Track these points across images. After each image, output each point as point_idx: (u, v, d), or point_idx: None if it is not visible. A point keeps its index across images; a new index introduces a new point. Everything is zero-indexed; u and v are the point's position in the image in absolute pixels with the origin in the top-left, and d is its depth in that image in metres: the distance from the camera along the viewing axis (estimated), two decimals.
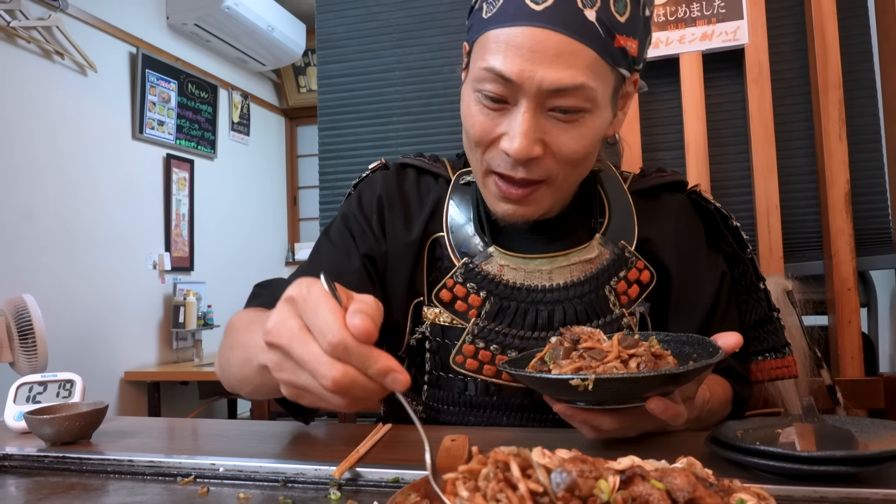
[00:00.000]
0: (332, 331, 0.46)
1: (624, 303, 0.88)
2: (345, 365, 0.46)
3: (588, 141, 0.78)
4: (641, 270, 0.89)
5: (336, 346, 0.45)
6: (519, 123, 0.75)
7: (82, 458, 0.73)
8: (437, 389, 0.92)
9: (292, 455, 0.74)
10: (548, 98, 0.74)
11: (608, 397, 0.61)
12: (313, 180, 5.05)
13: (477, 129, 0.80)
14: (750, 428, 0.66)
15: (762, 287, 0.96)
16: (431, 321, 0.91)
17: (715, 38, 1.45)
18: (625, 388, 0.60)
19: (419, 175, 0.98)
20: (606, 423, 0.65)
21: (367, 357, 0.46)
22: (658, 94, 1.55)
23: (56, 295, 2.99)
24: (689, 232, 0.94)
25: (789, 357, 0.96)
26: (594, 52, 0.73)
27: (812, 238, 1.47)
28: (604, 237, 0.89)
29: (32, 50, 2.95)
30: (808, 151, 1.48)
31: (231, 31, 3.97)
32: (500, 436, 0.78)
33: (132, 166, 3.54)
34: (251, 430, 0.87)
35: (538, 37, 0.72)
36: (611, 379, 0.58)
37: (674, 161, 1.53)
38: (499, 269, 0.88)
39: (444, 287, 0.89)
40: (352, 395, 0.47)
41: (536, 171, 0.79)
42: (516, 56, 0.73)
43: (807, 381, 1.14)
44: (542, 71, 0.72)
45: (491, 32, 0.76)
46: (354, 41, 1.80)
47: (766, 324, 0.96)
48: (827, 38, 1.42)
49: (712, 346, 0.66)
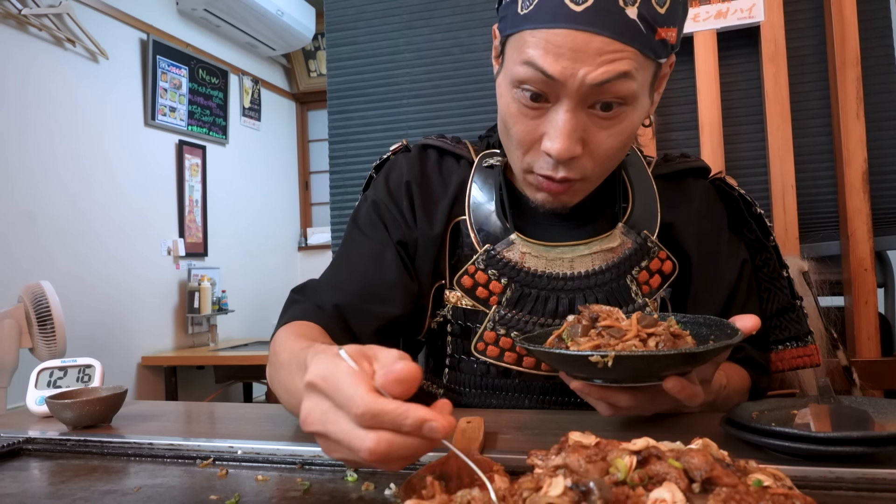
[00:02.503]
0: (355, 403, 0.44)
1: (646, 292, 0.87)
2: (377, 432, 0.44)
3: (626, 136, 0.77)
4: (664, 261, 0.89)
5: (363, 415, 0.43)
6: (560, 123, 0.73)
7: (103, 441, 0.74)
8: (458, 373, 0.93)
9: (309, 438, 0.74)
10: (590, 94, 0.72)
11: (627, 375, 0.61)
12: (325, 165, 5.05)
13: (519, 129, 0.78)
14: (765, 409, 0.66)
15: (785, 275, 0.96)
16: (454, 304, 0.91)
17: (730, 16, 1.42)
18: (643, 366, 0.60)
19: (441, 156, 0.97)
20: (623, 400, 0.65)
21: (397, 416, 0.43)
22: (672, 74, 1.53)
23: (72, 281, 3.02)
24: (712, 217, 0.93)
25: (812, 346, 0.95)
26: (636, 50, 0.71)
27: (828, 218, 1.45)
28: (626, 225, 0.89)
29: (44, 38, 2.96)
30: (825, 130, 1.46)
31: (241, 15, 3.96)
32: (516, 418, 0.78)
33: (145, 153, 3.55)
34: (268, 413, 0.88)
35: (579, 39, 0.69)
36: (630, 356, 0.58)
37: (688, 141, 1.51)
38: (520, 257, 0.87)
39: (466, 273, 0.89)
40: (394, 458, 0.44)
41: (576, 170, 0.78)
42: (557, 55, 0.71)
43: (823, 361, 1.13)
44: (584, 69, 0.70)
45: (527, 32, 0.73)
46: (363, 23, 1.79)
47: (788, 312, 0.96)
48: (845, 14, 1.40)
49: (730, 327, 0.66)
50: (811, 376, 1.09)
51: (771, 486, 0.41)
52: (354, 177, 1.81)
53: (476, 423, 0.70)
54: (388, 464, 0.45)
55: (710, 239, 0.92)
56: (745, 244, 0.96)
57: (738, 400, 0.85)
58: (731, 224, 0.95)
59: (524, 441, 0.68)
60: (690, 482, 0.40)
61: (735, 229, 0.96)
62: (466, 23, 1.70)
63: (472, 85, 1.71)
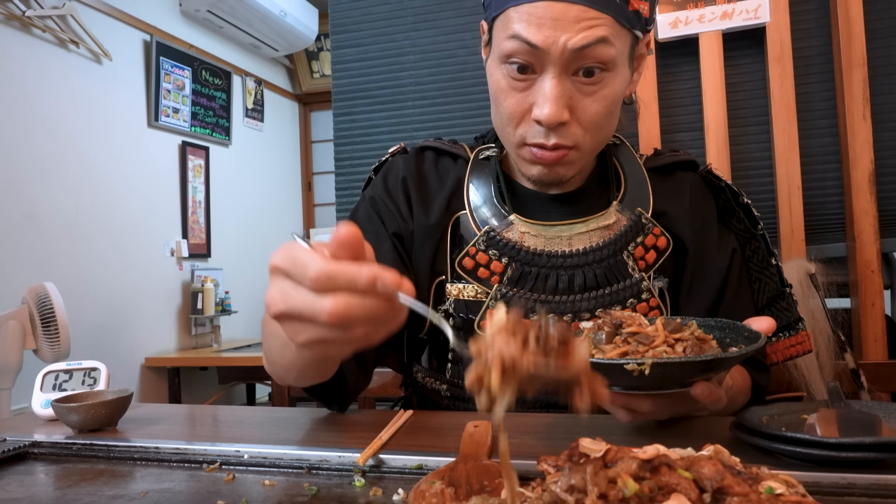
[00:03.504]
0: (310, 268, 0.44)
1: (642, 268, 0.91)
2: (334, 294, 0.43)
3: (610, 101, 0.83)
4: (658, 237, 0.92)
5: (318, 279, 0.43)
6: (548, 90, 0.79)
7: (109, 445, 0.74)
8: (461, 366, 0.94)
9: (315, 442, 0.75)
10: (572, 61, 0.78)
11: (663, 382, 0.61)
12: (328, 166, 5.06)
13: (509, 103, 0.84)
14: (775, 413, 0.66)
15: (774, 263, 0.98)
16: (455, 297, 0.93)
17: (735, 17, 1.42)
18: (678, 373, 0.59)
19: (438, 156, 1.02)
20: (645, 405, 0.64)
21: (351, 274, 0.43)
22: (677, 75, 1.53)
23: (76, 282, 3.03)
24: (702, 208, 0.97)
25: (802, 332, 0.97)
26: (611, 17, 0.78)
27: (834, 220, 1.45)
28: (621, 204, 0.93)
29: (48, 39, 2.96)
30: (831, 131, 1.45)
31: (244, 16, 3.96)
32: (524, 421, 0.78)
33: (148, 154, 3.56)
34: (273, 416, 0.88)
35: (558, 8, 0.76)
36: (668, 363, 0.58)
37: (693, 142, 1.51)
38: (520, 237, 0.91)
39: (467, 255, 0.91)
40: (357, 322, 0.44)
41: (567, 137, 0.83)
42: (540, 25, 0.78)
43: (830, 364, 1.13)
44: (564, 35, 0.77)
45: (511, 9, 0.80)
46: (368, 25, 1.78)
47: (778, 300, 0.98)
48: (851, 15, 1.39)
49: (747, 330, 0.66)
50: (818, 377, 1.09)
51: (784, 493, 0.41)
52: (360, 179, 1.80)
53: (484, 428, 0.69)
54: (350, 328, 0.45)
55: (701, 229, 0.95)
56: (735, 234, 0.99)
57: (742, 399, 0.85)
58: (720, 215, 0.99)
59: (533, 446, 0.68)
60: (701, 492, 0.39)
61: (723, 220, 0.99)
62: (471, 25, 1.70)
63: (477, 87, 1.70)
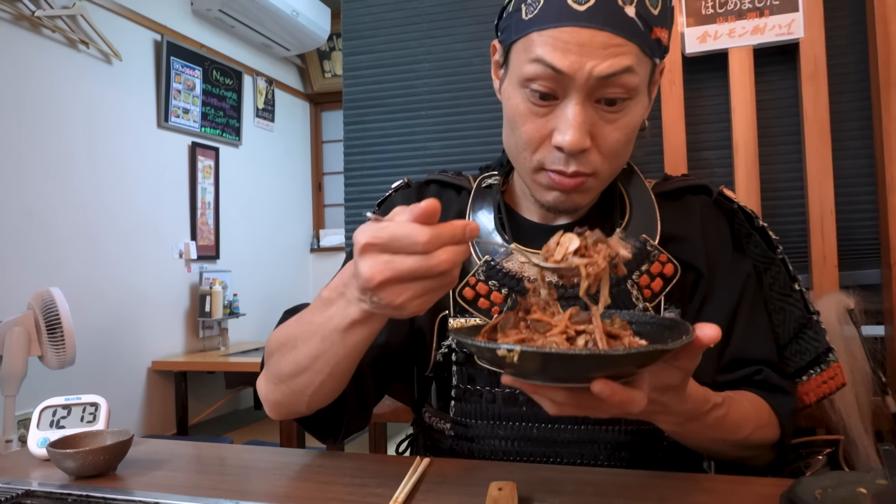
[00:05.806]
0: (418, 234, 0.54)
1: (647, 296, 0.86)
2: (443, 248, 0.55)
3: (630, 129, 0.80)
4: (664, 264, 0.87)
5: (430, 241, 0.54)
6: (570, 116, 0.76)
7: (107, 498, 0.69)
8: (465, 403, 0.90)
9: (327, 498, 0.70)
10: (596, 88, 0.75)
11: (533, 372, 0.56)
12: (338, 166, 5.01)
13: (528, 128, 0.80)
14: (828, 486, 0.60)
15: (797, 288, 0.92)
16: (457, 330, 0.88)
17: (767, 32, 1.35)
18: (558, 365, 0.54)
19: (441, 189, 1.00)
20: (559, 396, 0.58)
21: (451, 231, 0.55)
22: (704, 90, 1.47)
23: (83, 285, 3.00)
24: (714, 231, 0.92)
25: (834, 364, 0.91)
26: (636, 46, 0.75)
27: (869, 245, 1.38)
28: (625, 232, 0.89)
29: (57, 39, 2.93)
30: (867, 153, 1.38)
31: (256, 16, 3.92)
32: (547, 477, 0.73)
33: (158, 155, 3.52)
34: (281, 460, 0.84)
35: (584, 35, 0.74)
36: (534, 353, 0.52)
37: (720, 161, 1.44)
38: (520, 267, 0.88)
39: (467, 285, 0.89)
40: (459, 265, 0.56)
41: (586, 165, 0.79)
42: (565, 50, 0.74)
43: (868, 401, 1.07)
44: (591, 62, 0.74)
45: (535, 33, 0.76)
46: (381, 31, 1.73)
47: (805, 329, 0.92)
48: (890, 31, 1.32)
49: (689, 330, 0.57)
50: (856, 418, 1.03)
51: None
52: (370, 189, 1.75)
53: (508, 490, 0.64)
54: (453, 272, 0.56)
55: (714, 252, 0.90)
56: (754, 260, 0.94)
57: (747, 430, 0.77)
58: (734, 239, 0.94)
59: None
60: None
61: (738, 245, 0.94)
62: (488, 32, 1.64)
63: (493, 97, 1.63)
